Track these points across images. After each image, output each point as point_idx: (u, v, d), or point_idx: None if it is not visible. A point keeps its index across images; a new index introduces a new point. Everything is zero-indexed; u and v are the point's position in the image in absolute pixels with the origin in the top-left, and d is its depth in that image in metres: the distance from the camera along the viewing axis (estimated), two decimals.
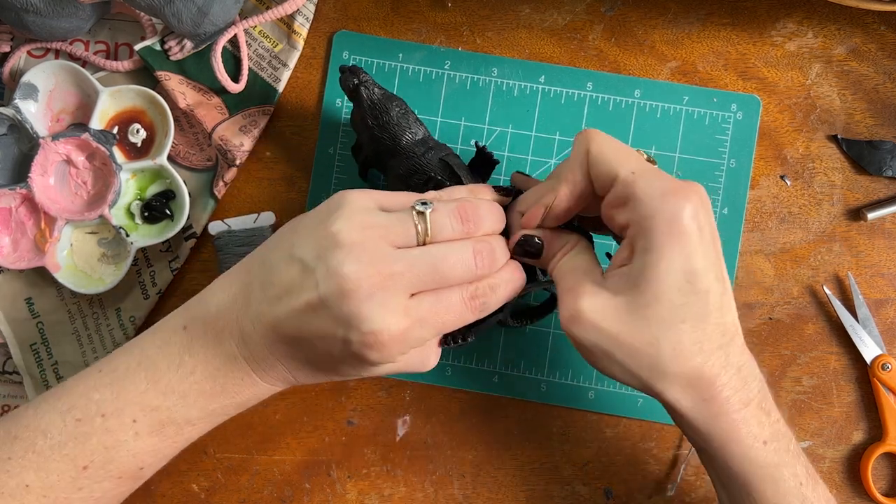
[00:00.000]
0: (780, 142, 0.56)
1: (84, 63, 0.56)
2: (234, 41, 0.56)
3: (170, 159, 0.55)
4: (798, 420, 0.55)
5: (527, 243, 0.44)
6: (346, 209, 0.40)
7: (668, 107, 0.56)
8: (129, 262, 0.54)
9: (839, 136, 0.56)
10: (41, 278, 0.56)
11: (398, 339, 0.38)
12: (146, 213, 0.55)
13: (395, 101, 0.50)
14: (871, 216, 0.55)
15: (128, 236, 0.54)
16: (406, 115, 0.49)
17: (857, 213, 0.56)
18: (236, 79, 0.56)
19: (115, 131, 0.55)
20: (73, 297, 0.56)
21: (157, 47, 0.55)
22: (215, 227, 0.55)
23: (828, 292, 0.55)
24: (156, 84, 0.56)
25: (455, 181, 0.47)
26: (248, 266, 0.42)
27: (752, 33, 0.56)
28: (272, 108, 0.56)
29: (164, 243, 0.55)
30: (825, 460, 0.55)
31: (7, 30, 0.56)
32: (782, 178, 0.56)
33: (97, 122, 0.54)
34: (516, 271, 0.43)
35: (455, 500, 0.56)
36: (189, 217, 0.55)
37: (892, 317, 0.55)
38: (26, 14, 0.51)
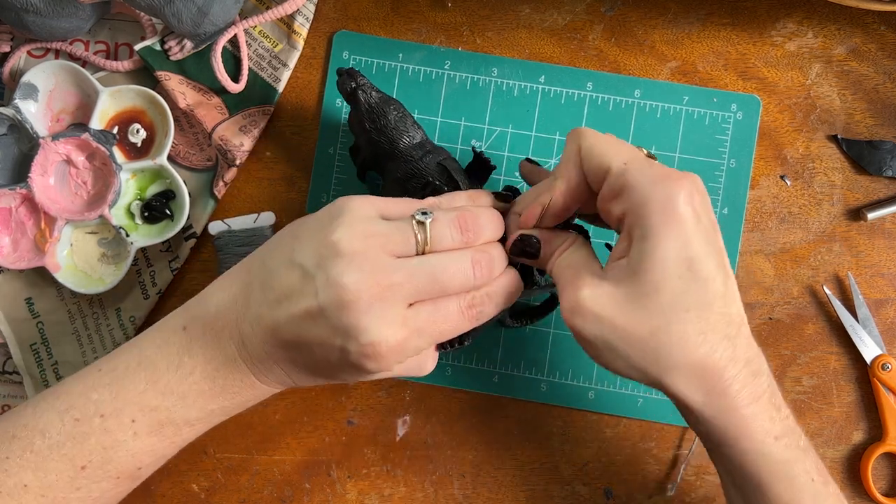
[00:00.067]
0: (780, 142, 0.56)
1: (84, 63, 0.56)
2: (234, 41, 0.56)
3: (170, 159, 0.55)
4: (798, 420, 0.54)
5: (524, 243, 0.43)
6: (347, 217, 0.39)
7: (668, 107, 0.56)
8: (129, 262, 0.54)
9: (839, 136, 0.56)
10: (41, 278, 0.56)
11: (396, 350, 0.38)
12: (146, 213, 0.55)
13: (392, 104, 0.49)
14: (871, 216, 0.55)
15: (128, 236, 0.54)
16: (404, 119, 0.49)
17: (857, 213, 0.56)
18: (236, 79, 0.56)
19: (115, 131, 0.55)
20: (73, 297, 0.56)
21: (157, 47, 0.55)
22: (215, 227, 0.55)
23: (828, 292, 0.55)
24: (156, 84, 0.56)
25: (452, 185, 0.47)
26: (249, 267, 0.42)
27: (752, 33, 0.56)
28: (272, 108, 0.56)
29: (164, 243, 0.55)
30: (825, 460, 0.55)
31: (7, 30, 0.56)
32: (782, 178, 0.56)
33: (97, 122, 0.54)
34: (514, 279, 0.43)
35: (455, 500, 0.56)
36: (189, 217, 0.55)
37: (892, 317, 0.55)
38: (26, 14, 0.51)
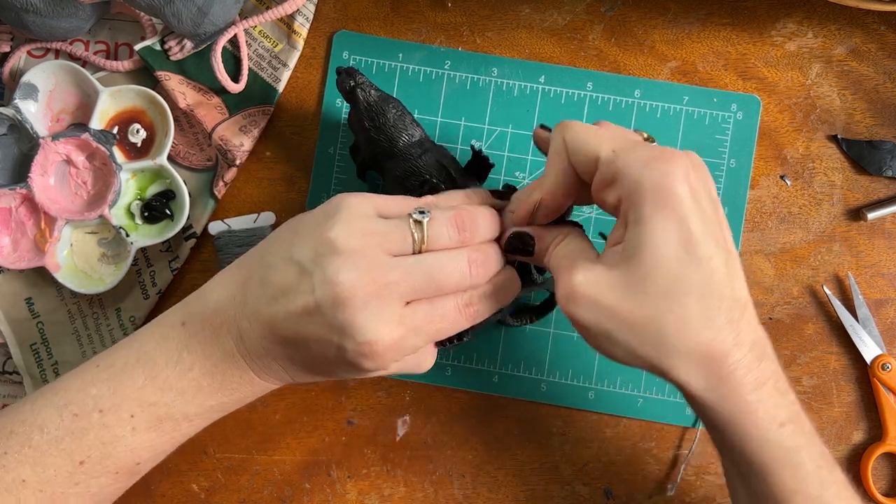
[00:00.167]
0: (780, 142, 0.56)
1: (84, 63, 0.56)
2: (234, 41, 0.56)
3: (170, 159, 0.55)
4: None
5: (517, 240, 0.42)
6: (344, 214, 0.39)
7: (667, 107, 0.56)
8: (129, 262, 0.54)
9: (839, 136, 0.56)
10: (41, 278, 0.56)
11: (392, 349, 0.38)
12: (146, 213, 0.55)
13: (391, 102, 0.49)
14: (871, 216, 0.55)
15: (128, 236, 0.54)
16: (403, 117, 0.49)
17: (857, 213, 0.56)
18: (236, 79, 0.56)
19: (115, 131, 0.55)
20: (73, 297, 0.56)
21: (157, 47, 0.55)
22: (215, 227, 0.55)
23: (828, 292, 0.55)
24: (156, 84, 0.56)
25: (451, 183, 0.47)
26: (247, 264, 0.42)
27: (752, 33, 0.56)
28: (272, 108, 0.56)
29: (164, 243, 0.55)
30: None
31: (7, 30, 0.56)
32: (782, 178, 0.56)
33: (97, 122, 0.54)
34: (511, 278, 0.43)
35: (455, 500, 0.56)
36: (189, 217, 0.55)
37: (892, 317, 0.55)
38: (26, 14, 0.51)
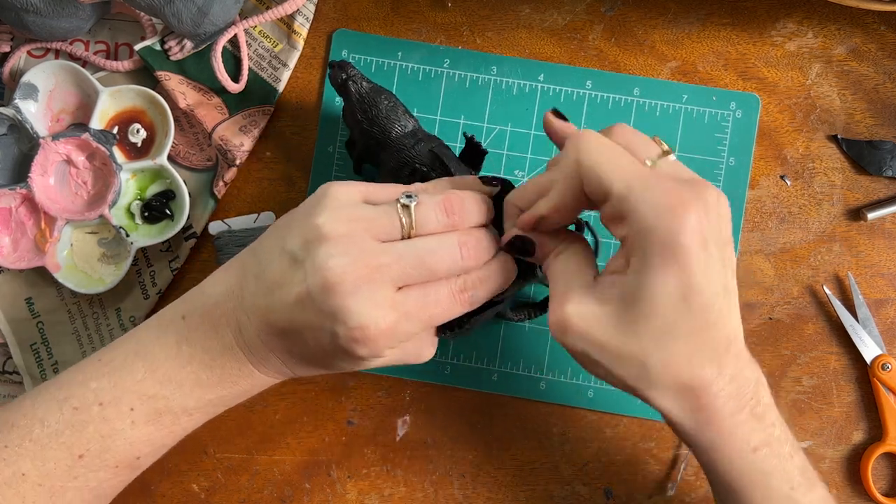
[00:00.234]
0: (780, 142, 0.56)
1: (84, 63, 0.56)
2: (234, 41, 0.56)
3: (170, 159, 0.55)
4: (798, 420, 0.55)
5: (519, 243, 0.42)
6: (330, 201, 0.40)
7: (667, 105, 0.56)
8: (129, 262, 0.54)
9: (839, 136, 0.56)
10: (41, 278, 0.56)
11: (386, 334, 0.38)
12: (146, 213, 0.55)
13: (383, 94, 0.49)
14: (871, 216, 0.55)
15: (128, 236, 0.54)
16: (395, 108, 0.49)
17: (857, 213, 0.56)
18: (236, 79, 0.56)
19: (115, 131, 0.55)
20: (73, 297, 0.56)
21: (157, 47, 0.55)
22: (215, 227, 0.55)
23: (828, 292, 0.55)
24: (156, 84, 0.56)
25: (444, 172, 0.47)
26: (244, 260, 0.42)
27: (752, 33, 0.56)
28: (272, 108, 0.56)
29: (164, 243, 0.56)
30: (825, 460, 0.55)
31: (7, 30, 0.56)
32: (782, 178, 0.56)
33: (97, 122, 0.54)
34: (506, 263, 0.42)
35: (455, 500, 0.55)
36: (189, 217, 0.55)
37: (892, 317, 0.55)
38: (26, 14, 0.51)
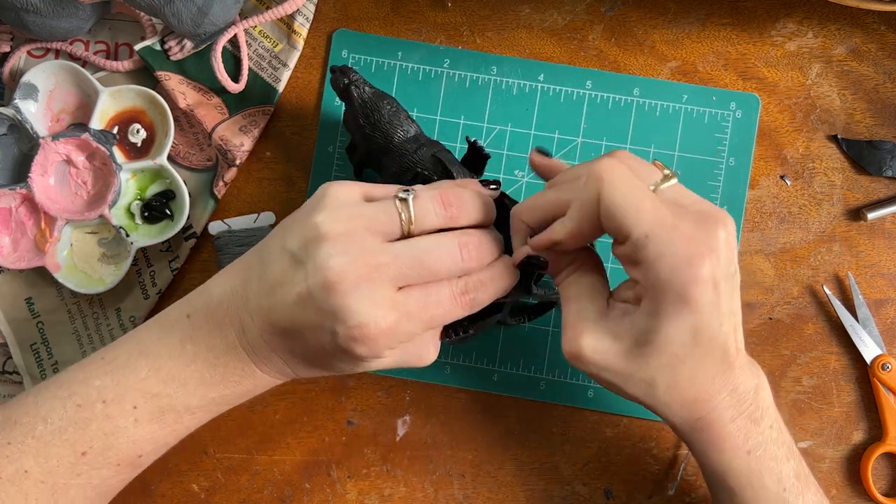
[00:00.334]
0: (780, 142, 0.56)
1: (84, 63, 0.56)
2: (234, 41, 0.56)
3: (170, 159, 0.55)
4: (798, 420, 0.55)
5: (534, 261, 0.43)
6: (329, 200, 0.40)
7: (667, 105, 0.56)
8: (129, 262, 0.54)
9: (839, 136, 0.56)
10: (41, 278, 0.56)
11: (386, 333, 0.38)
12: (146, 213, 0.55)
13: (385, 99, 0.49)
14: (871, 216, 0.55)
15: (128, 236, 0.54)
16: (397, 113, 0.49)
17: (857, 213, 0.56)
18: (236, 79, 0.56)
19: (115, 131, 0.55)
20: (73, 297, 0.56)
21: (157, 47, 0.55)
22: (215, 227, 0.55)
23: (828, 292, 0.55)
24: (156, 84, 0.56)
25: (447, 176, 0.47)
26: (247, 260, 0.43)
27: (752, 33, 0.56)
28: (272, 108, 0.56)
29: (164, 243, 0.56)
30: (825, 460, 0.55)
31: (7, 30, 0.56)
32: (782, 178, 0.56)
33: (97, 122, 0.54)
34: (508, 268, 0.42)
35: (455, 500, 0.55)
36: (189, 217, 0.55)
37: (892, 317, 0.55)
38: (26, 14, 0.51)
